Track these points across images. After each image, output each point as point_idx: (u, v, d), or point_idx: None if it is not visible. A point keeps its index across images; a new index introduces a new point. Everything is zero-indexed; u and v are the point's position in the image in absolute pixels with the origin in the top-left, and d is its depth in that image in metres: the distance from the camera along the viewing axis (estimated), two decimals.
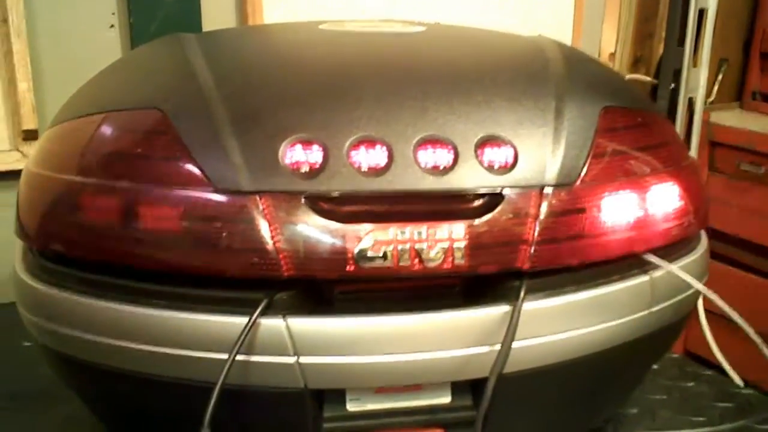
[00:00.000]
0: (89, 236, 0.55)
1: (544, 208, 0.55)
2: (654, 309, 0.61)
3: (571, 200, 0.56)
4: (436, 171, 0.54)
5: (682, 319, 0.66)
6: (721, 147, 1.73)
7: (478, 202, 0.55)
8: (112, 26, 1.08)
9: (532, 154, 0.56)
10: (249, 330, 0.51)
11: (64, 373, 0.62)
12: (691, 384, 0.85)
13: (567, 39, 1.55)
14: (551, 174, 0.56)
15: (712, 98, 1.86)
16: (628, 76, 1.72)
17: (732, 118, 1.76)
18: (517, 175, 0.55)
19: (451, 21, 1.37)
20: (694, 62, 1.71)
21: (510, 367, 0.54)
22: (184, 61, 0.63)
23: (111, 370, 0.55)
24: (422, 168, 0.54)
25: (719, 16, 1.73)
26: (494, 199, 0.54)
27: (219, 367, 0.50)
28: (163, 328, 0.53)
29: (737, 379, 0.87)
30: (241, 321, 0.51)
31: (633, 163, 0.61)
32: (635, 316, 0.60)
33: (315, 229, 0.52)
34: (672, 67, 1.69)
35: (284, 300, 0.53)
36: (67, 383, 0.64)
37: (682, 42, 1.67)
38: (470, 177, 0.54)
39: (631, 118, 0.65)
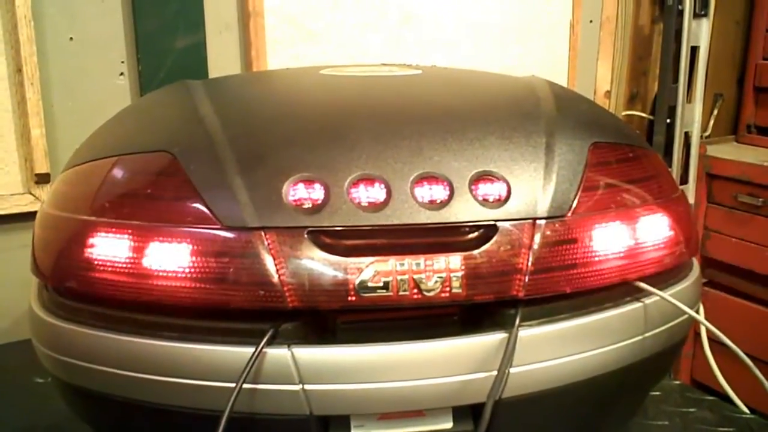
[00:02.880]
0: (102, 273, 0.57)
1: (537, 239, 0.57)
2: (647, 335, 0.63)
3: (563, 231, 0.59)
4: (432, 206, 0.57)
5: (676, 345, 0.68)
6: (719, 179, 1.76)
7: (473, 235, 0.57)
8: (121, 74, 1.12)
9: (524, 189, 0.59)
10: (255, 359, 0.53)
11: (78, 405, 0.64)
12: (693, 410, 0.86)
13: (563, 79, 1.59)
14: (543, 207, 0.59)
15: (708, 132, 1.89)
16: (625, 113, 1.76)
17: (728, 151, 1.80)
18: (511, 209, 0.58)
19: (451, 62, 1.41)
20: (689, 98, 1.75)
21: (508, 392, 0.56)
22: (192, 107, 0.66)
23: (124, 401, 0.57)
24: (419, 203, 0.57)
25: (713, 53, 1.78)
26: (489, 231, 0.57)
27: (227, 396, 0.52)
28: (174, 358, 0.55)
29: (742, 406, 0.88)
30: (247, 351, 0.53)
31: (623, 195, 0.64)
32: (629, 341, 0.61)
33: (318, 263, 0.54)
34: (667, 104, 1.73)
35: (289, 330, 0.55)
36: (80, 415, 0.65)
37: (676, 79, 1.71)
38: (465, 211, 0.57)
39: (620, 152, 0.67)
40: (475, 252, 0.56)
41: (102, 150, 0.65)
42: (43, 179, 1.07)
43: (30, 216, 1.03)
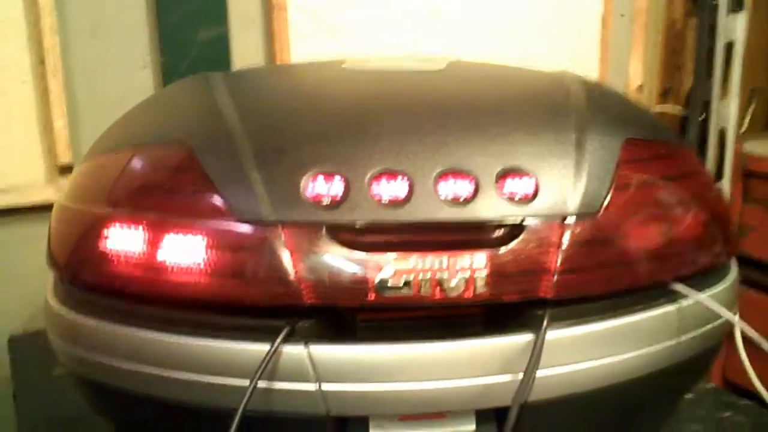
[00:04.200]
0: (117, 266, 0.56)
1: (566, 237, 0.55)
2: (682, 338, 0.60)
3: (594, 230, 0.56)
4: (456, 202, 0.55)
5: (712, 349, 0.65)
6: (756, 176, 1.71)
7: (499, 232, 0.55)
8: (144, 66, 1.12)
9: (553, 185, 0.57)
10: (271, 357, 0.51)
11: (93, 399, 0.63)
12: (727, 414, 0.83)
13: (594, 73, 1.56)
14: (573, 204, 0.56)
15: (744, 128, 1.84)
16: (657, 108, 1.72)
17: (765, 147, 1.74)
18: (539, 206, 0.55)
19: (479, 56, 1.39)
20: (724, 93, 1.71)
21: (534, 396, 0.54)
22: (211, 99, 0.65)
23: (138, 396, 0.56)
24: (442, 199, 0.54)
25: (747, 47, 1.73)
26: (515, 229, 0.55)
27: (241, 393, 0.51)
28: (188, 354, 0.53)
29: None
30: (263, 348, 0.52)
31: (657, 193, 0.61)
32: (662, 345, 0.59)
33: (336, 259, 0.52)
34: (701, 99, 1.69)
35: (306, 328, 0.53)
36: (95, 409, 0.65)
37: (710, 74, 1.67)
38: (491, 208, 0.55)
39: (654, 149, 0.65)
40: (501, 250, 0.54)
41: (119, 142, 0.64)
42: (65, 170, 1.07)
43: (52, 207, 1.04)
